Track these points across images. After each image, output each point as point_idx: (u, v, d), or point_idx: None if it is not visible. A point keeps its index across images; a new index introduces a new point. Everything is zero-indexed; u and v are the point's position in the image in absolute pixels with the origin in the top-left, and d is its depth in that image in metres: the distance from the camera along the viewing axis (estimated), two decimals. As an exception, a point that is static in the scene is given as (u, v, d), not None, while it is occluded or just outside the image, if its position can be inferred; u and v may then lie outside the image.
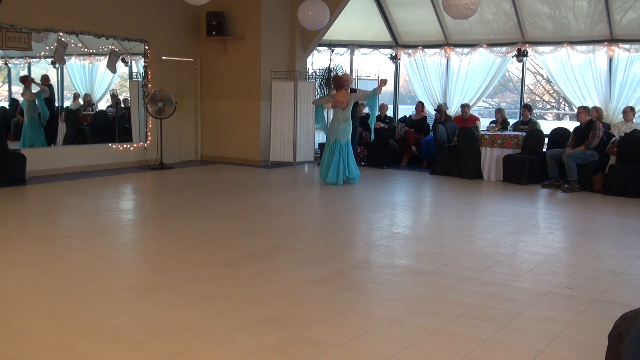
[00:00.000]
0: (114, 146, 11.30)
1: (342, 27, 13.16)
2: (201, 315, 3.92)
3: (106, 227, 6.55)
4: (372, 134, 10.29)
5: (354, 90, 10.29)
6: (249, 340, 3.53)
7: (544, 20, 11.87)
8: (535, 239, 6.33)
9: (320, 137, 12.99)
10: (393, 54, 13.71)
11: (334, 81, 9.95)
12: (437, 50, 13.15)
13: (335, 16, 11.72)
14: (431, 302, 4.30)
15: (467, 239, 6.27)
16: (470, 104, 12.64)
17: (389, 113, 12.96)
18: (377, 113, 10.09)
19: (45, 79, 10.67)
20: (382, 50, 13.88)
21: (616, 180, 9.13)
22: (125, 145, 11.45)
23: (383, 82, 9.58)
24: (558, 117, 18.92)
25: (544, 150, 10.42)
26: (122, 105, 11.92)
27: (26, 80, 10.54)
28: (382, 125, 11.93)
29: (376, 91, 9.54)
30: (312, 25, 10.32)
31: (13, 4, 9.41)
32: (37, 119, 10.49)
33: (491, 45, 12.48)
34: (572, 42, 11.58)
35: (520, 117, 11.88)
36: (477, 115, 12.99)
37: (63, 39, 10.20)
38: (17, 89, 10.89)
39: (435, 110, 12.82)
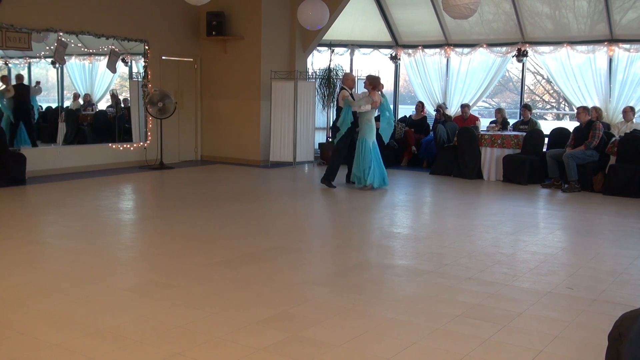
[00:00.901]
0: (114, 146, 11.30)
1: (342, 27, 13.16)
2: (201, 315, 3.92)
3: (106, 227, 6.55)
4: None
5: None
6: (249, 340, 3.53)
7: (544, 20, 11.88)
8: (535, 239, 6.33)
9: (320, 137, 13.00)
10: (393, 54, 13.71)
11: (373, 81, 9.20)
12: (437, 50, 13.15)
13: (335, 16, 11.72)
14: (431, 302, 4.30)
15: (467, 239, 6.27)
16: (470, 104, 12.64)
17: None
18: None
19: (17, 77, 10.42)
20: (382, 50, 13.87)
21: (616, 180, 9.13)
22: (125, 145, 11.45)
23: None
24: (558, 117, 18.91)
25: (544, 150, 10.42)
26: (122, 105, 11.92)
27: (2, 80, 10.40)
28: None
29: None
30: (312, 25, 10.31)
31: (13, 4, 9.41)
32: (4, 119, 10.30)
33: (491, 45, 12.47)
34: (572, 42, 11.58)
35: (520, 117, 11.88)
36: (477, 115, 12.99)
37: (63, 39, 10.20)
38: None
39: (435, 110, 12.83)
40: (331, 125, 12.85)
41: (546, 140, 10.73)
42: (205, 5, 9.57)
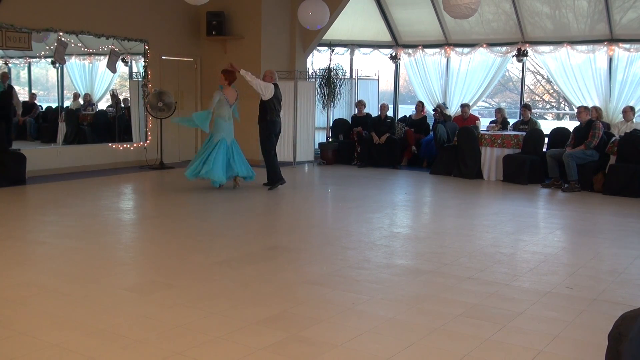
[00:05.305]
0: (113, 146, 11.29)
1: (342, 27, 13.15)
2: (201, 315, 3.92)
3: (106, 227, 6.55)
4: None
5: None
6: (249, 340, 3.53)
7: (544, 20, 11.87)
8: (535, 238, 6.33)
9: (320, 137, 13.00)
10: (393, 54, 13.71)
11: (228, 76, 9.39)
12: (437, 50, 13.15)
13: (335, 16, 11.72)
14: (431, 302, 4.29)
15: (467, 238, 6.27)
16: (470, 104, 12.64)
17: (389, 113, 12.97)
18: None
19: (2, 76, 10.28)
20: (382, 50, 13.87)
21: (616, 180, 9.12)
22: (125, 145, 11.44)
23: None
24: (558, 117, 18.92)
25: (544, 150, 10.42)
26: (122, 105, 11.92)
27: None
28: (387, 135, 11.89)
29: None
30: (312, 25, 10.31)
31: (13, 4, 9.41)
32: None
33: (491, 45, 12.47)
34: (572, 42, 11.57)
35: (520, 117, 11.88)
36: (477, 115, 12.99)
37: (63, 39, 10.20)
38: (18, 89, 10.88)
39: (433, 110, 12.83)
40: (331, 125, 12.89)
41: (546, 140, 10.73)
42: (205, 5, 9.56)
